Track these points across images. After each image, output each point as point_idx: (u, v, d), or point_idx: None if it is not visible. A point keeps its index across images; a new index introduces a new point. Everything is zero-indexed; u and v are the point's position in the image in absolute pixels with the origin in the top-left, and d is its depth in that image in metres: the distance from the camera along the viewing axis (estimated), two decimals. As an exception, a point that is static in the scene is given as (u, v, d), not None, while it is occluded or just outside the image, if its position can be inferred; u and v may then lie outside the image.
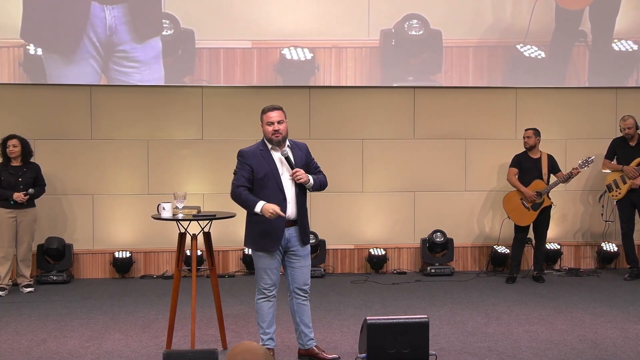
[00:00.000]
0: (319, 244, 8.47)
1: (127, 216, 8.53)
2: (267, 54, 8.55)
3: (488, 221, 8.87)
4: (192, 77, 8.51)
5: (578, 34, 8.80)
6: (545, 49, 8.77)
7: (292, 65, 8.58)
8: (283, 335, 5.93)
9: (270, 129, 5.16)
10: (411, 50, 8.71)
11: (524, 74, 8.78)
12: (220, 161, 8.61)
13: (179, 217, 5.44)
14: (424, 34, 8.64)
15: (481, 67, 8.76)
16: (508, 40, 8.72)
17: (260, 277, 5.29)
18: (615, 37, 8.83)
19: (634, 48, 8.86)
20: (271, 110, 5.19)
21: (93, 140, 8.50)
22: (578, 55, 8.85)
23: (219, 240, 7.89)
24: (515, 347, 5.66)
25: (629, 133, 8.14)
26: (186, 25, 8.39)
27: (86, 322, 6.42)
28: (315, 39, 8.55)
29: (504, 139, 8.79)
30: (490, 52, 8.74)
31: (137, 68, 8.36)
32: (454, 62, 8.72)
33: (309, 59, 8.57)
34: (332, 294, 7.51)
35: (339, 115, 8.76)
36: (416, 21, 8.61)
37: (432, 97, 8.76)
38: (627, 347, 5.63)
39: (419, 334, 5.05)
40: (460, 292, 7.64)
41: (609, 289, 7.72)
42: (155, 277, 8.40)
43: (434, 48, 8.68)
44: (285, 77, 8.60)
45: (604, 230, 8.76)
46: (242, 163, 5.24)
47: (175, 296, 5.55)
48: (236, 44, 8.50)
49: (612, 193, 8.22)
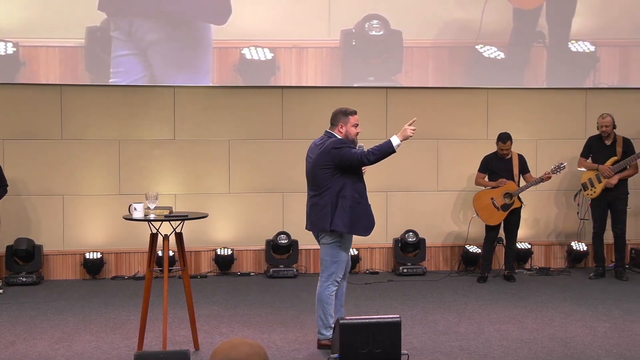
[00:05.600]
0: (291, 244, 8.46)
1: (98, 217, 8.46)
2: (227, 53, 8.49)
3: (460, 221, 8.93)
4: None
5: (536, 35, 8.85)
6: (504, 50, 8.81)
7: (252, 65, 8.51)
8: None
9: (356, 130, 5.59)
10: (372, 51, 8.71)
11: (484, 74, 8.80)
12: (192, 161, 8.58)
13: (151, 218, 5.41)
14: (384, 34, 8.64)
15: (441, 67, 8.78)
16: (467, 41, 8.75)
17: (340, 267, 5.50)
18: (572, 38, 8.89)
19: (591, 49, 8.92)
20: (356, 114, 5.63)
21: (63, 140, 8.41)
22: (536, 55, 8.90)
23: (191, 240, 7.86)
24: (487, 346, 5.70)
25: (605, 131, 8.19)
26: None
27: (56, 324, 6.36)
28: (275, 39, 8.50)
29: (476, 139, 8.85)
30: (450, 53, 8.76)
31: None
32: (415, 62, 8.74)
33: (270, 59, 8.51)
34: (305, 295, 7.51)
35: (312, 116, 8.76)
36: (377, 21, 8.60)
37: (405, 97, 8.79)
38: (595, 345, 5.70)
39: (391, 334, 5.07)
40: (432, 291, 7.68)
41: (579, 288, 7.81)
42: (127, 278, 8.34)
43: (394, 48, 8.68)
44: (245, 77, 8.53)
45: (579, 228, 8.84)
46: (349, 146, 5.48)
47: (147, 297, 5.52)
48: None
49: (587, 192, 8.30)
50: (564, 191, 9.06)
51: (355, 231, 5.48)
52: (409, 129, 5.37)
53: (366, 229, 5.50)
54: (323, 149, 5.46)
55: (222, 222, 8.60)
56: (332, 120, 5.65)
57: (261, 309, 6.90)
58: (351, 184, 5.43)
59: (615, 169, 8.11)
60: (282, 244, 8.41)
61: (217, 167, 8.63)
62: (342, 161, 5.37)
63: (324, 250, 5.54)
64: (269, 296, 7.44)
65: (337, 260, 5.50)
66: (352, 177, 5.44)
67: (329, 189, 5.42)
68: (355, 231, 5.48)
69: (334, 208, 5.40)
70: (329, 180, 5.42)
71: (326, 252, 5.53)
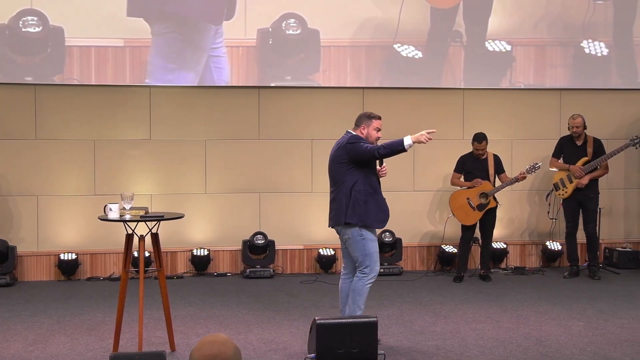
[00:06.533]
0: (268, 245, 8.45)
1: (73, 217, 8.39)
2: (140, 52, 8.40)
3: (436, 221, 8.97)
4: (63, 76, 8.29)
5: (453, 34, 8.87)
6: (422, 49, 8.82)
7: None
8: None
9: (377, 135, 5.71)
10: (289, 50, 8.68)
11: (401, 73, 8.81)
12: (168, 161, 8.54)
13: (127, 218, 5.37)
14: (301, 33, 8.60)
15: (358, 66, 8.76)
16: (385, 40, 8.72)
17: (373, 259, 5.63)
18: (489, 38, 8.92)
19: (507, 49, 8.97)
20: (380, 119, 5.74)
21: (38, 140, 8.33)
22: (454, 55, 8.92)
23: (167, 241, 7.82)
24: (463, 345, 5.74)
25: (576, 132, 8.27)
26: (55, 23, 8.16)
27: (30, 326, 6.30)
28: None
29: (452, 139, 8.89)
30: (367, 52, 8.74)
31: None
32: (332, 61, 8.71)
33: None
34: (281, 295, 7.51)
35: (289, 116, 8.76)
36: (294, 20, 8.56)
37: (381, 97, 8.80)
38: (570, 344, 5.75)
39: (368, 334, 5.08)
40: (408, 291, 7.71)
41: (553, 287, 7.88)
42: (102, 279, 8.28)
43: (311, 47, 8.64)
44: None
45: (551, 228, 8.92)
46: (364, 141, 5.62)
47: (122, 298, 5.48)
48: (108, 42, 8.30)
49: (559, 192, 8.38)
50: (539, 191, 9.14)
51: (369, 223, 5.60)
52: (425, 136, 5.49)
53: (381, 221, 5.67)
54: (340, 145, 5.68)
55: (198, 223, 8.57)
56: (357, 121, 5.80)
57: (238, 309, 6.88)
58: (364, 178, 5.60)
59: (586, 169, 8.20)
60: (259, 244, 8.40)
61: (194, 167, 8.60)
62: (356, 155, 5.56)
63: (351, 247, 5.67)
64: (246, 296, 7.43)
65: (368, 253, 5.62)
66: (366, 171, 5.61)
67: (344, 184, 5.60)
68: (370, 223, 5.60)
69: (348, 201, 5.56)
70: (344, 175, 5.60)
71: (353, 248, 5.65)
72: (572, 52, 9.10)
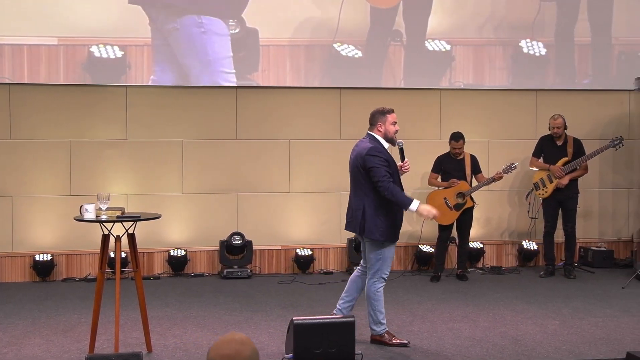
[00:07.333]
0: (245, 245, 8.43)
1: (49, 218, 8.32)
2: (75, 51, 8.30)
3: (413, 221, 8.99)
4: None
5: (393, 34, 8.87)
6: (362, 48, 8.82)
7: (101, 64, 8.32)
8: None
9: (395, 128, 5.65)
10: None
11: (342, 73, 8.79)
12: (144, 162, 8.49)
13: (103, 219, 5.34)
14: (240, 32, 8.57)
15: (298, 66, 8.74)
16: (325, 39, 8.71)
17: (387, 266, 5.67)
18: (429, 37, 8.93)
19: (447, 48, 9.00)
20: (393, 112, 5.67)
21: (12, 140, 8.25)
22: (394, 54, 8.92)
23: (144, 241, 7.78)
24: (440, 344, 5.76)
25: (557, 132, 8.33)
26: None
27: (4, 327, 6.23)
28: (126, 37, 8.32)
29: (429, 139, 8.93)
30: (307, 51, 8.72)
31: None
32: (271, 60, 8.68)
33: (120, 57, 8.33)
34: (258, 295, 7.50)
35: (266, 116, 8.75)
36: (232, 20, 8.54)
37: (359, 97, 8.80)
38: (545, 343, 5.80)
39: (346, 334, 5.09)
40: (385, 291, 7.68)
41: (529, 286, 7.93)
42: (78, 280, 8.22)
43: (250, 47, 8.59)
44: (94, 76, 8.35)
45: (530, 228, 8.98)
46: (383, 160, 5.53)
47: (98, 299, 5.45)
48: (41, 40, 8.21)
49: (539, 191, 8.43)
50: (516, 191, 9.20)
51: (384, 237, 5.57)
52: (431, 214, 5.58)
53: (393, 240, 5.66)
54: (360, 151, 5.64)
55: (175, 223, 8.53)
56: (371, 120, 5.73)
57: (215, 310, 6.87)
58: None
59: (566, 169, 8.26)
60: (236, 245, 8.38)
61: (171, 168, 8.56)
62: (368, 170, 5.53)
63: (367, 248, 5.68)
64: (223, 297, 7.41)
65: (381, 258, 5.63)
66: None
67: (361, 189, 5.62)
68: (385, 237, 5.58)
69: (364, 213, 5.56)
70: (362, 180, 5.61)
71: (370, 249, 5.66)
72: (511, 52, 9.13)
